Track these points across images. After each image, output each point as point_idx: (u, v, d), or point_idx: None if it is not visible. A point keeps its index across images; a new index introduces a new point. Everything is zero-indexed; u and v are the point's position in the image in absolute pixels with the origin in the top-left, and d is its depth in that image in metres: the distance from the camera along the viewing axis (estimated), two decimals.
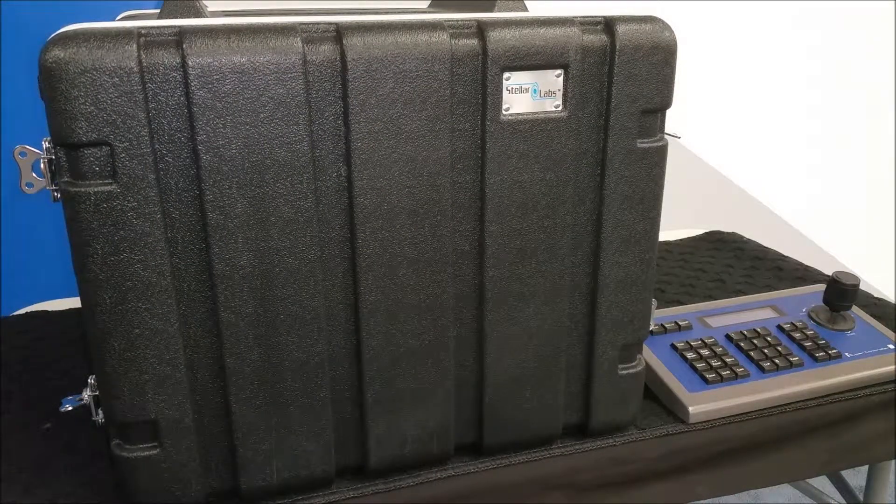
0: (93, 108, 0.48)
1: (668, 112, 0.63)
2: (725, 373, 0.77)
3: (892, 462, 0.91)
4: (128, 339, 0.54)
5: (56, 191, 0.52)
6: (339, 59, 0.52)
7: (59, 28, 0.50)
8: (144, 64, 0.49)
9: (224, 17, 0.56)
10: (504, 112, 0.57)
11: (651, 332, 0.71)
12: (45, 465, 0.68)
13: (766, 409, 0.76)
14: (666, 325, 0.85)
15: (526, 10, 0.65)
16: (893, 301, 1.00)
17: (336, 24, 0.53)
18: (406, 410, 0.63)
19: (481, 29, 0.56)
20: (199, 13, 0.56)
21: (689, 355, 0.80)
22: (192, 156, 0.52)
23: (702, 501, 0.79)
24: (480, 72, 0.56)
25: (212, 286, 0.54)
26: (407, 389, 0.62)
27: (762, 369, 0.79)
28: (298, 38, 0.51)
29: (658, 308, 0.72)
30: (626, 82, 0.59)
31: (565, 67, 0.58)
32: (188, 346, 0.56)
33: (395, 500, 0.65)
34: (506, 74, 0.56)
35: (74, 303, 0.98)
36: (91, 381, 0.59)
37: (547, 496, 0.70)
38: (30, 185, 0.56)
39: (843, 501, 1.07)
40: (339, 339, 0.59)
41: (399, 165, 0.56)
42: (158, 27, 0.50)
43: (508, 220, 0.60)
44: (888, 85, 1.84)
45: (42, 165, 0.52)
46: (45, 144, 0.52)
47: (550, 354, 0.66)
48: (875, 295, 1.01)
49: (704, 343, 0.82)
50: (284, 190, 0.53)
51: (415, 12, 0.65)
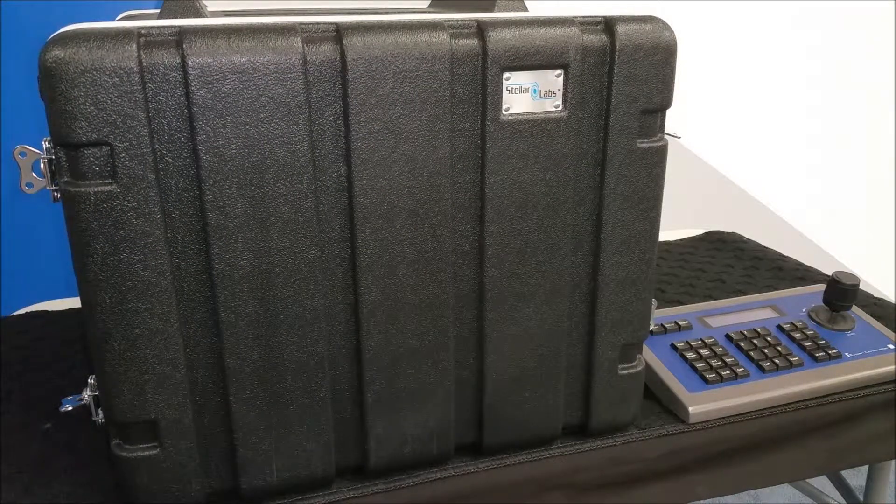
0: (93, 108, 0.48)
1: (668, 112, 0.63)
2: (725, 373, 0.77)
3: (892, 462, 0.91)
4: (128, 339, 0.54)
5: (56, 191, 0.52)
6: (339, 59, 0.52)
7: (59, 28, 0.50)
8: (144, 64, 0.49)
9: (224, 17, 0.56)
10: (504, 112, 0.57)
11: (651, 332, 0.71)
12: (45, 465, 0.68)
13: (765, 409, 0.76)
14: (666, 325, 0.85)
15: (526, 10, 0.65)
16: (893, 301, 1.00)
17: (336, 24, 0.53)
18: (406, 410, 0.63)
19: (481, 29, 0.56)
20: (199, 13, 0.56)
21: (689, 355, 0.80)
22: (192, 156, 0.52)
23: (702, 501, 0.79)
24: (480, 72, 0.56)
25: (212, 286, 0.54)
26: (407, 389, 0.62)
27: (762, 369, 0.79)
28: (298, 38, 0.51)
29: (658, 308, 0.72)
30: (626, 82, 0.59)
31: (565, 67, 0.58)
32: (188, 346, 0.56)
33: (395, 500, 0.65)
34: (506, 74, 0.56)
35: (74, 303, 0.98)
36: (91, 381, 0.59)
37: (547, 496, 0.70)
38: (30, 185, 0.56)
39: (843, 501, 1.07)
40: (339, 339, 0.59)
41: (399, 165, 0.56)
42: (158, 27, 0.50)
43: (508, 220, 0.60)
44: (888, 85, 1.84)
45: (42, 165, 0.52)
46: (45, 144, 0.52)
47: (550, 354, 0.66)
48: (875, 295, 1.01)
49: (704, 343, 0.82)
50: (284, 190, 0.53)
51: (415, 12, 0.65)
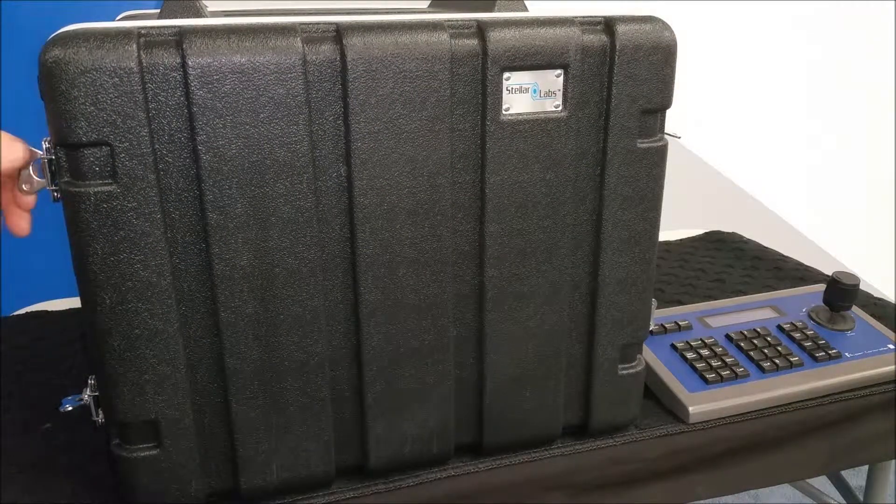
0: (93, 108, 0.48)
1: (668, 112, 0.63)
2: (725, 373, 0.77)
3: (892, 462, 0.91)
4: (128, 339, 0.54)
5: (56, 191, 0.52)
6: (339, 59, 0.52)
7: (59, 28, 0.50)
8: (144, 64, 0.49)
9: (224, 17, 0.56)
10: (504, 112, 0.57)
11: (651, 332, 0.71)
12: (45, 465, 0.68)
13: (765, 409, 0.76)
14: (666, 325, 0.85)
15: (526, 10, 0.65)
16: (893, 301, 1.00)
17: (336, 24, 0.53)
18: (406, 410, 0.63)
19: (481, 29, 0.56)
20: (199, 13, 0.56)
21: (689, 355, 0.80)
22: (192, 156, 0.52)
23: (702, 501, 0.79)
24: (480, 72, 0.56)
25: (212, 286, 0.54)
26: (407, 389, 0.62)
27: (762, 369, 0.79)
28: (298, 38, 0.51)
29: (658, 308, 0.72)
30: (626, 82, 0.59)
31: (565, 67, 0.58)
32: (188, 346, 0.56)
33: (395, 500, 0.65)
34: (506, 74, 0.56)
35: (74, 303, 0.98)
36: (91, 381, 0.59)
37: (547, 496, 0.70)
38: (29, 185, 0.56)
39: (843, 501, 1.07)
40: (339, 339, 0.59)
41: (399, 165, 0.56)
42: (158, 27, 0.50)
43: (508, 220, 0.60)
44: (888, 85, 1.84)
45: (42, 165, 0.52)
46: (45, 145, 0.52)
47: (550, 354, 0.66)
48: (875, 295, 1.01)
49: (704, 343, 0.82)
50: (284, 190, 0.53)
51: (415, 12, 0.65)
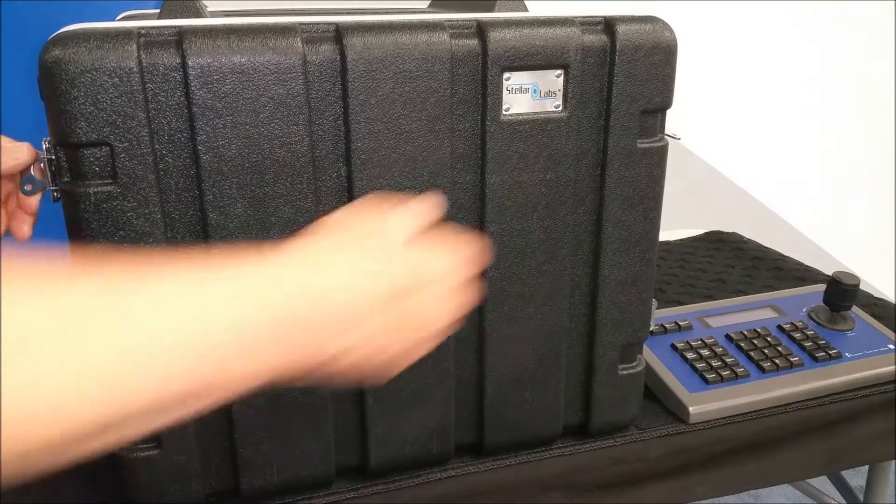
0: (93, 108, 0.48)
1: (669, 112, 0.63)
2: (725, 373, 0.77)
3: (892, 462, 0.91)
4: None
5: (56, 191, 0.52)
6: (339, 59, 0.52)
7: (60, 28, 0.50)
8: (144, 64, 0.49)
9: (224, 17, 0.56)
10: (504, 112, 0.57)
11: (651, 332, 0.70)
12: None
13: (766, 409, 0.76)
14: (666, 325, 0.85)
15: (526, 10, 0.65)
16: (893, 301, 1.00)
17: (336, 24, 0.53)
18: (406, 410, 0.63)
19: (481, 29, 0.56)
20: (199, 13, 0.56)
21: (689, 355, 0.80)
22: (192, 156, 0.52)
23: (702, 501, 0.79)
24: (480, 72, 0.56)
25: None
26: (407, 390, 0.62)
27: (762, 369, 0.79)
28: (298, 38, 0.51)
29: (658, 308, 0.72)
30: (626, 82, 0.59)
31: (565, 67, 0.58)
32: None
33: (395, 500, 0.65)
34: (506, 74, 0.56)
35: None
36: None
37: (547, 496, 0.70)
38: (28, 186, 0.56)
39: (843, 501, 1.07)
40: None
41: (399, 165, 0.56)
42: (158, 27, 0.50)
43: (508, 220, 0.60)
44: (888, 85, 1.84)
45: (42, 166, 0.52)
46: (45, 145, 0.52)
47: (550, 354, 0.66)
48: (875, 295, 1.01)
49: (704, 343, 0.82)
50: (284, 190, 0.53)
51: (415, 12, 0.65)
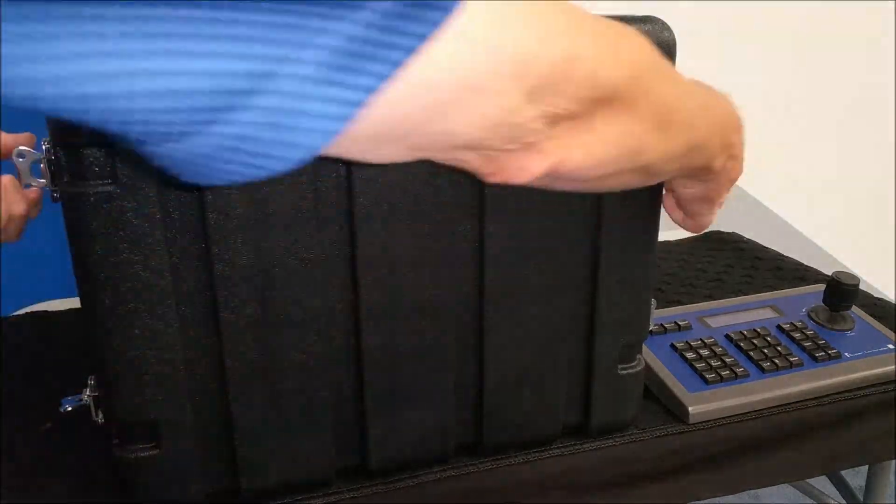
0: None
1: None
2: (725, 373, 0.77)
3: (892, 462, 0.91)
4: (127, 339, 0.54)
5: (56, 191, 0.52)
6: None
7: None
8: None
9: None
10: None
11: (651, 332, 0.71)
12: (45, 465, 0.68)
13: (765, 409, 0.76)
14: (666, 325, 0.85)
15: None
16: (893, 301, 1.00)
17: None
18: (406, 410, 0.63)
19: None
20: None
21: (689, 355, 0.80)
22: None
23: (702, 501, 0.79)
24: None
25: (211, 286, 0.54)
26: (406, 389, 0.62)
27: (762, 369, 0.79)
28: None
29: (658, 308, 0.72)
30: None
31: None
32: (187, 346, 0.56)
33: (395, 500, 0.65)
34: None
35: (74, 303, 0.98)
36: (91, 381, 0.59)
37: (546, 496, 0.70)
38: (28, 186, 0.56)
39: (843, 501, 1.07)
40: (338, 340, 0.59)
41: (398, 165, 0.55)
42: None
43: (508, 219, 0.60)
44: (888, 85, 1.84)
45: (42, 166, 0.52)
46: (45, 145, 0.52)
47: (550, 354, 0.66)
48: (875, 295, 1.01)
49: (704, 343, 0.82)
50: (284, 190, 0.53)
51: None
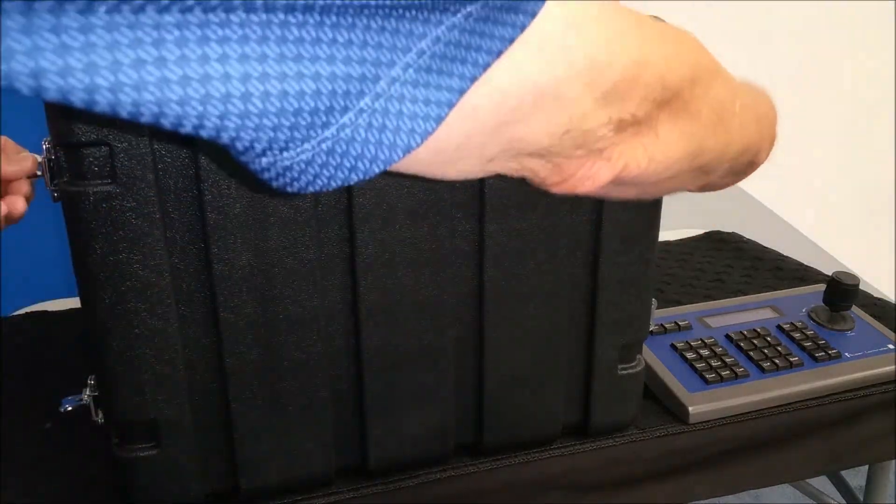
0: None
1: None
2: (725, 373, 0.77)
3: (892, 462, 0.91)
4: (127, 339, 0.54)
5: (55, 191, 0.52)
6: None
7: None
8: None
9: None
10: None
11: (651, 332, 0.70)
12: (45, 465, 0.68)
13: (765, 409, 0.76)
14: (666, 325, 0.85)
15: None
16: (893, 301, 1.00)
17: None
18: (406, 410, 0.63)
19: None
20: None
21: (689, 355, 0.80)
22: (190, 155, 0.52)
23: (702, 501, 0.79)
24: None
25: (211, 286, 0.54)
26: (406, 389, 0.62)
27: (762, 369, 0.79)
28: None
29: (658, 308, 0.71)
30: None
31: None
32: (187, 346, 0.56)
33: (395, 500, 0.65)
34: None
35: (74, 303, 0.98)
36: (91, 381, 0.59)
37: (547, 496, 0.70)
38: None
39: (843, 501, 1.07)
40: (338, 339, 0.59)
41: None
42: None
43: (508, 219, 0.60)
44: (888, 85, 1.84)
45: (42, 166, 0.52)
46: (45, 145, 0.52)
47: (550, 354, 0.66)
48: (875, 295, 1.01)
49: (704, 343, 0.82)
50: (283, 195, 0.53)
51: None
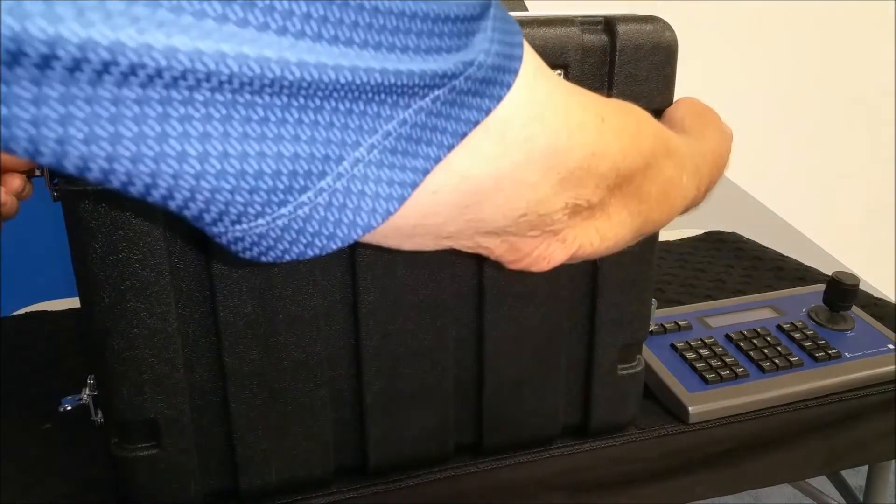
0: None
1: None
2: (725, 373, 0.77)
3: (892, 462, 0.91)
4: (127, 339, 0.54)
5: (55, 190, 0.52)
6: None
7: None
8: None
9: None
10: None
11: (651, 332, 0.70)
12: (45, 465, 0.68)
13: (765, 409, 0.76)
14: (666, 325, 0.85)
15: (526, 9, 0.65)
16: (893, 301, 1.00)
17: None
18: (405, 410, 0.63)
19: None
20: None
21: (689, 355, 0.80)
22: None
23: (702, 501, 0.79)
24: None
25: (210, 285, 0.54)
26: (406, 390, 0.62)
27: (762, 369, 0.79)
28: None
29: (658, 308, 0.71)
30: (626, 83, 0.59)
31: (565, 68, 0.57)
32: (187, 346, 0.56)
33: (394, 500, 0.65)
34: None
35: (74, 303, 0.98)
36: (90, 380, 0.59)
37: (547, 496, 0.70)
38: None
39: (843, 501, 1.07)
40: (337, 339, 0.59)
41: None
42: None
43: None
44: (888, 85, 1.84)
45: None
46: None
47: (549, 354, 0.65)
48: (875, 295, 1.01)
49: (704, 343, 0.82)
50: None
51: None
